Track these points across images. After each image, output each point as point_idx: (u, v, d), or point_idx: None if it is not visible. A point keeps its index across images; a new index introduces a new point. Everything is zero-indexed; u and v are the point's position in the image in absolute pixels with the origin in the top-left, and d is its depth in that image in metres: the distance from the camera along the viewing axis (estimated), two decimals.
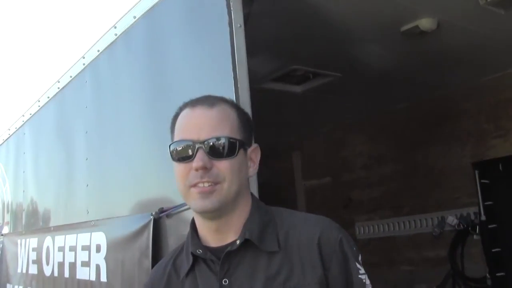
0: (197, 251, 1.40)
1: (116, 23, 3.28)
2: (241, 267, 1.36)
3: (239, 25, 2.40)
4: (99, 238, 3.24)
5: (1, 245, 5.04)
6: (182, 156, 1.38)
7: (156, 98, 2.93)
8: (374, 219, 5.44)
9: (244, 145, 1.42)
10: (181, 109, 1.49)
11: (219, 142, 1.36)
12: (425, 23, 3.43)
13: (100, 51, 3.47)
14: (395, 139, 5.24)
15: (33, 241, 4.31)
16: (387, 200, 5.30)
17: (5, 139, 5.24)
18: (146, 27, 3.04)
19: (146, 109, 3.02)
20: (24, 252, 4.50)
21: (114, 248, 3.06)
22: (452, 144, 4.84)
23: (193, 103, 1.47)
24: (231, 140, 1.38)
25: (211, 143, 1.35)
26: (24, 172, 4.68)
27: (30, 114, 4.59)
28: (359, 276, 1.37)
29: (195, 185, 1.35)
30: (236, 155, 1.38)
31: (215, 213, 1.38)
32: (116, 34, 3.30)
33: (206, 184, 1.34)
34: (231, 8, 2.40)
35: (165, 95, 2.86)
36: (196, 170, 1.34)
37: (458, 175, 4.79)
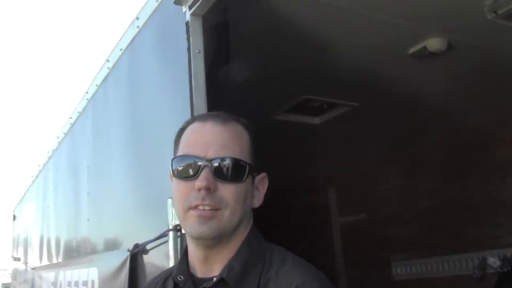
0: (178, 277, 1.29)
1: (109, 56, 3.28)
2: None
3: (197, 51, 2.31)
4: (94, 274, 3.23)
5: (34, 278, 5.12)
6: (184, 173, 1.25)
7: (134, 130, 2.88)
8: (411, 258, 5.06)
9: (253, 171, 1.28)
10: (188, 122, 1.35)
11: (228, 162, 1.23)
12: (433, 43, 3.21)
13: (98, 85, 3.49)
14: (429, 171, 4.89)
15: (51, 276, 4.34)
16: (424, 237, 4.92)
17: (36, 175, 5.39)
18: (128, 58, 3.01)
19: (127, 140, 2.97)
20: (46, 286, 4.54)
21: (103, 284, 3.03)
22: (491, 176, 4.43)
23: (204, 117, 1.34)
24: (241, 162, 1.25)
25: (219, 163, 1.22)
26: (48, 207, 4.76)
27: (52, 150, 4.69)
28: None
29: (194, 208, 1.21)
30: (244, 181, 1.25)
31: (211, 241, 1.24)
32: (108, 68, 3.30)
33: (206, 208, 1.20)
34: (190, 34, 2.32)
35: (140, 128, 2.81)
36: (199, 190, 1.20)
37: (499, 210, 4.37)
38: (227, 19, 2.86)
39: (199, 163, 1.22)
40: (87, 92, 3.69)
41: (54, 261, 4.37)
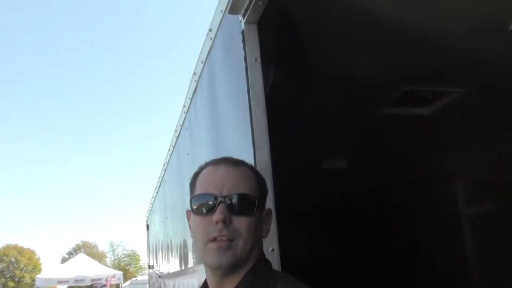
0: None
1: (195, 69, 3.33)
2: None
3: (254, 59, 2.25)
4: (195, 285, 3.30)
5: (160, 285, 5.39)
6: (203, 209, 1.43)
7: (216, 144, 2.89)
8: None
9: (261, 206, 1.48)
10: (202, 168, 1.55)
11: (240, 198, 1.42)
12: None
13: (190, 98, 3.56)
14: None
15: (171, 284, 4.54)
16: None
17: (158, 187, 5.67)
18: (207, 70, 3.04)
19: (212, 154, 2.99)
20: None
21: None
22: None
23: (216, 162, 1.54)
24: (251, 198, 1.44)
25: (233, 199, 1.41)
26: (167, 218, 4.97)
27: (166, 162, 4.89)
28: None
29: (213, 240, 1.38)
30: (254, 214, 1.44)
31: (227, 270, 1.41)
32: (195, 81, 3.35)
33: (223, 238, 1.38)
34: (245, 42, 2.26)
35: (220, 141, 2.81)
36: (216, 222, 1.38)
37: None
38: (299, 18, 2.78)
39: (216, 200, 1.40)
40: (184, 106, 3.79)
41: (172, 270, 4.56)
